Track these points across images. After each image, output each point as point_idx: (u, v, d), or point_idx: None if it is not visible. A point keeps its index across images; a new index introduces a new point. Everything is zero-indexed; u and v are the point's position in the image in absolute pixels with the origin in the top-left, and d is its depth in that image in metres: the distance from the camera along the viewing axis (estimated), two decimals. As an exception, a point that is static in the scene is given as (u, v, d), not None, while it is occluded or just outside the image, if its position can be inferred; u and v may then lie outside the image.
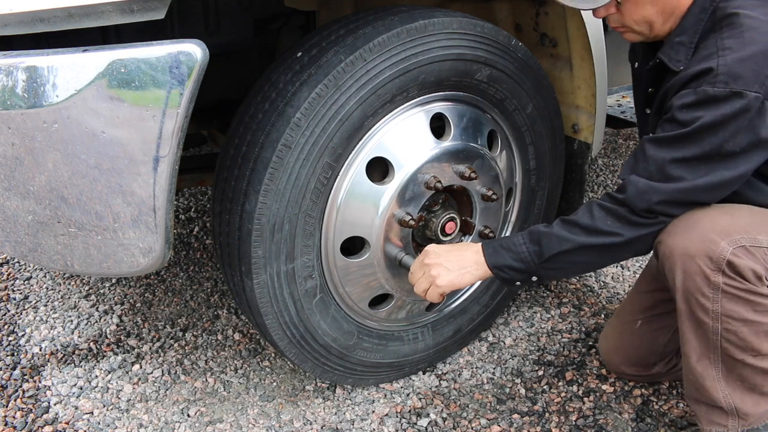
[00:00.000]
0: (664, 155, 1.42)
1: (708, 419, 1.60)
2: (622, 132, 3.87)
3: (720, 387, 1.54)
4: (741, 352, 1.48)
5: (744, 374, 1.51)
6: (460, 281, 1.58)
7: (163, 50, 1.18)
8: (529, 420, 1.84)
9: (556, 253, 1.50)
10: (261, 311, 1.58)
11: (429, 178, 1.66)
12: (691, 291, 1.45)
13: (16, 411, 1.86)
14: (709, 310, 1.45)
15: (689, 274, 1.44)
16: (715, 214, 1.44)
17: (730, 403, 1.54)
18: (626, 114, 2.33)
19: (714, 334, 1.48)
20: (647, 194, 1.43)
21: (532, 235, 1.53)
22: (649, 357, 1.87)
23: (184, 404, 1.90)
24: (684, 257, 1.43)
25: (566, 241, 1.49)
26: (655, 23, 1.52)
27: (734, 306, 1.43)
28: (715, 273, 1.41)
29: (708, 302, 1.44)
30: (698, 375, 1.55)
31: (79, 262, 1.40)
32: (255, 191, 1.46)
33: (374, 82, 1.50)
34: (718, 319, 1.45)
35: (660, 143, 1.44)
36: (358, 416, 1.86)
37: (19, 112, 1.21)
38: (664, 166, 1.42)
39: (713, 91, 1.37)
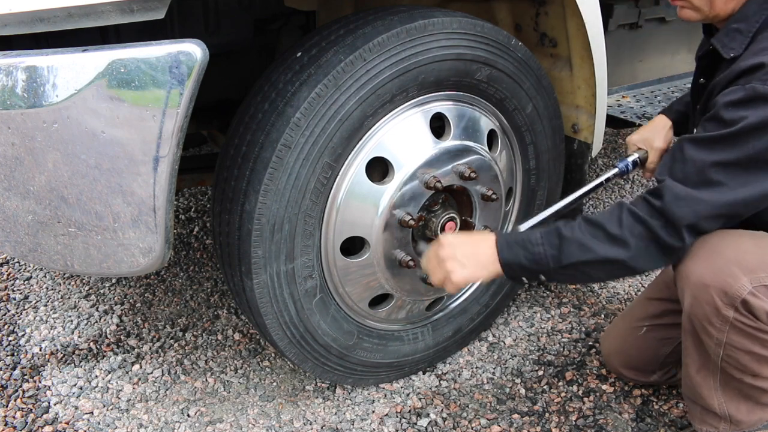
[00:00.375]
0: (704, 157, 1.31)
1: (701, 419, 1.61)
2: (622, 132, 3.87)
3: (716, 395, 1.54)
4: (740, 373, 1.47)
5: (741, 388, 1.51)
6: (475, 277, 1.49)
7: (163, 50, 1.18)
8: (529, 420, 1.84)
9: (575, 262, 1.39)
10: (261, 311, 1.58)
11: (429, 177, 1.66)
12: (698, 317, 1.42)
13: (16, 411, 1.86)
14: (713, 337, 1.42)
15: (699, 301, 1.39)
16: (745, 245, 1.37)
17: (724, 410, 1.54)
18: (626, 114, 2.33)
19: (715, 356, 1.46)
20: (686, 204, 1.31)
21: (551, 237, 1.41)
22: (649, 364, 1.86)
23: (184, 404, 1.90)
24: (698, 285, 1.38)
25: (588, 251, 1.37)
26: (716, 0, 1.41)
27: (740, 339, 1.40)
28: (727, 307, 1.36)
29: (714, 331, 1.41)
30: (696, 383, 1.55)
31: (79, 262, 1.40)
32: (255, 191, 1.46)
33: (374, 82, 1.50)
34: (721, 346, 1.43)
35: (700, 144, 1.33)
36: (358, 416, 1.86)
37: (19, 112, 1.21)
38: (703, 169, 1.30)
39: (763, 88, 1.26)
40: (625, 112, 2.34)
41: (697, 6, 1.45)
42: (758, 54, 1.32)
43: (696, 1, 1.45)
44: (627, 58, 2.63)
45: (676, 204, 1.32)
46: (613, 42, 2.43)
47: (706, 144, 1.32)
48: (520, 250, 1.44)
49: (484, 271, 1.48)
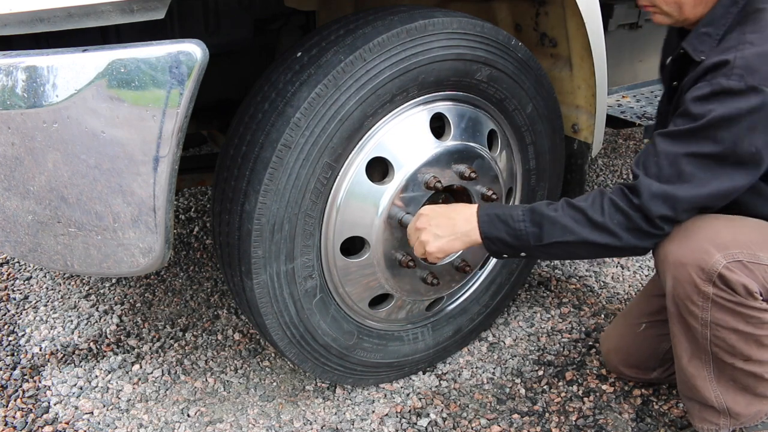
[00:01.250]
0: (676, 150, 1.37)
1: (700, 417, 1.61)
2: (622, 132, 3.87)
3: (711, 387, 1.54)
4: (730, 356, 1.47)
5: (735, 376, 1.51)
6: (450, 247, 1.52)
7: (163, 50, 1.18)
8: (529, 420, 1.84)
9: (556, 241, 1.44)
10: (261, 311, 1.58)
11: (429, 177, 1.66)
12: (680, 297, 1.45)
13: (16, 411, 1.86)
14: (698, 317, 1.44)
15: (679, 281, 1.43)
16: (719, 226, 1.42)
17: (721, 402, 1.54)
18: (626, 114, 2.33)
19: (703, 339, 1.47)
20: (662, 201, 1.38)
21: (533, 215, 1.46)
22: (648, 361, 1.86)
23: (184, 404, 1.90)
24: (676, 264, 1.42)
25: (570, 232, 1.43)
26: (685, 5, 1.47)
27: (723, 316, 1.42)
28: (706, 283, 1.40)
29: (697, 309, 1.43)
30: (690, 375, 1.55)
31: (79, 262, 1.40)
32: (255, 191, 1.46)
33: (374, 82, 1.50)
34: (707, 326, 1.44)
35: (672, 137, 1.39)
36: (358, 416, 1.86)
37: (19, 112, 1.21)
38: (675, 160, 1.37)
39: (727, 83, 1.32)
40: (625, 112, 2.34)
41: (667, 11, 1.51)
42: (723, 52, 1.37)
43: (665, 7, 1.51)
44: (627, 58, 2.63)
45: (652, 202, 1.38)
46: (613, 42, 2.43)
47: (676, 137, 1.38)
48: (501, 225, 1.48)
49: (459, 242, 1.51)
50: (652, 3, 1.51)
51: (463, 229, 1.51)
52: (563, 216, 1.44)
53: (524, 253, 1.50)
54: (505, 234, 1.48)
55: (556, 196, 2.10)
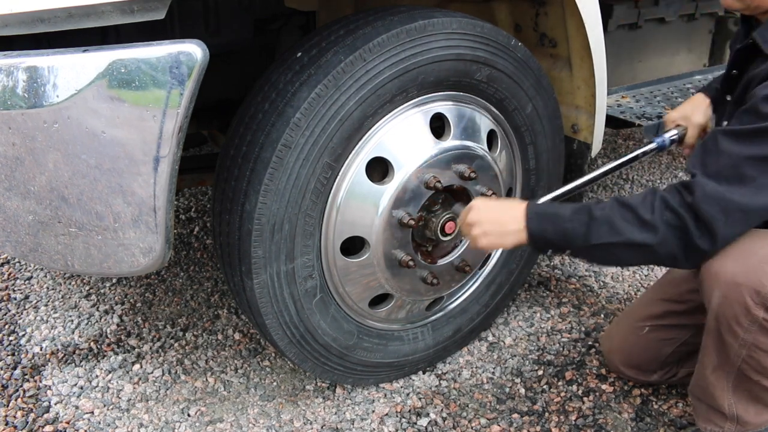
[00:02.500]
0: (738, 150, 1.29)
1: (706, 417, 1.61)
2: (621, 132, 3.87)
3: (727, 396, 1.54)
4: (757, 374, 1.47)
5: (753, 388, 1.51)
6: (500, 244, 1.50)
7: (163, 50, 1.19)
8: (529, 420, 1.84)
9: (603, 243, 1.38)
10: (261, 311, 1.58)
11: (429, 177, 1.66)
12: (726, 316, 1.41)
13: (16, 411, 1.87)
14: (739, 337, 1.42)
15: (729, 300, 1.38)
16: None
17: (733, 411, 1.54)
18: (626, 114, 2.33)
19: (736, 357, 1.46)
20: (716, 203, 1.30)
21: (581, 215, 1.40)
22: (650, 364, 1.86)
23: (185, 404, 1.90)
24: (729, 283, 1.37)
25: (617, 234, 1.36)
26: None
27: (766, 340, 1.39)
28: (758, 307, 1.36)
29: (741, 331, 1.41)
30: (709, 383, 1.55)
31: (79, 261, 1.40)
32: (255, 191, 1.47)
33: (374, 83, 1.50)
34: (746, 347, 1.42)
35: (735, 136, 1.31)
36: (358, 416, 1.86)
37: (20, 112, 1.21)
38: (737, 163, 1.29)
39: None
40: (625, 112, 2.34)
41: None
42: None
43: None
44: (626, 58, 2.63)
45: (705, 201, 1.30)
46: (612, 42, 2.43)
47: (741, 137, 1.30)
48: (549, 224, 1.44)
49: (507, 240, 1.49)
50: None
51: (513, 228, 1.47)
52: (611, 214, 1.38)
53: (571, 252, 1.47)
54: (552, 234, 1.44)
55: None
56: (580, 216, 1.41)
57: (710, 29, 2.93)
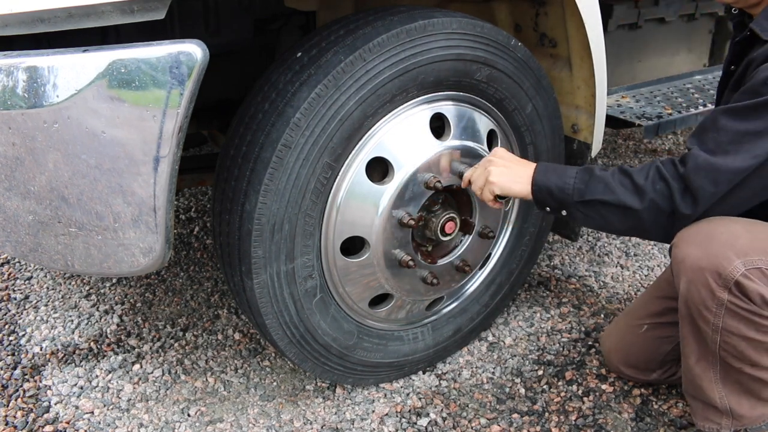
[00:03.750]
0: (737, 126, 1.35)
1: (703, 416, 1.61)
2: (621, 132, 3.87)
3: (717, 388, 1.54)
4: (738, 362, 1.47)
5: (741, 379, 1.51)
6: (510, 187, 1.57)
7: (163, 50, 1.19)
8: (529, 420, 1.85)
9: (596, 199, 1.47)
10: (261, 311, 1.58)
11: (429, 177, 1.66)
12: (694, 301, 1.44)
13: (16, 411, 1.87)
14: (710, 322, 1.44)
15: (695, 284, 1.42)
16: (740, 231, 1.40)
17: (725, 404, 1.54)
18: (626, 114, 2.33)
19: (713, 343, 1.47)
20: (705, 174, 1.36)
21: (584, 173, 1.50)
22: (649, 363, 1.86)
23: (185, 404, 1.90)
24: (694, 268, 1.41)
25: (611, 192, 1.45)
26: None
27: (736, 323, 1.41)
28: (721, 289, 1.39)
29: (710, 315, 1.43)
30: (696, 375, 1.55)
31: (79, 261, 1.40)
32: (255, 191, 1.47)
33: (374, 82, 1.50)
34: (718, 332, 1.44)
35: (733, 113, 1.36)
36: (358, 416, 1.86)
37: (20, 112, 1.21)
38: (735, 138, 1.35)
39: None
40: (625, 113, 2.34)
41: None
42: None
43: None
44: (626, 58, 2.63)
45: (696, 172, 1.37)
46: (612, 42, 2.43)
47: (739, 113, 1.36)
48: (553, 176, 1.53)
49: (516, 186, 1.57)
50: None
51: (525, 176, 1.56)
52: (611, 176, 1.47)
53: (565, 211, 1.54)
54: (553, 185, 1.52)
55: (556, 196, 2.10)
56: (582, 175, 1.51)
57: (710, 29, 2.93)
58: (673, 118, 2.31)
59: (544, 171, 1.55)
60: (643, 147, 3.76)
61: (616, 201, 1.45)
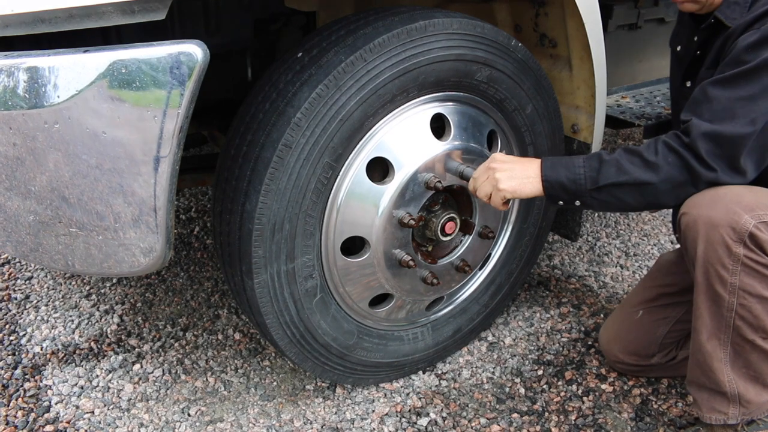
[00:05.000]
0: (729, 94, 1.42)
1: (709, 406, 1.61)
2: (621, 132, 3.87)
3: (726, 370, 1.55)
4: (752, 331, 1.49)
5: (751, 360, 1.52)
6: (521, 189, 1.58)
7: (164, 51, 1.19)
8: (529, 419, 1.85)
9: (611, 183, 1.49)
10: (261, 311, 1.58)
11: (429, 177, 1.66)
12: (711, 261, 1.46)
13: (17, 410, 1.87)
14: (727, 283, 1.46)
15: (711, 243, 1.45)
16: (741, 191, 1.46)
17: (733, 388, 1.55)
18: (625, 114, 2.33)
19: (728, 311, 1.49)
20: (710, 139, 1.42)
21: (591, 160, 1.53)
22: (648, 347, 1.89)
23: (185, 404, 1.90)
24: (708, 226, 1.44)
25: (624, 173, 1.48)
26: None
27: (752, 281, 1.44)
28: (737, 244, 1.42)
29: (727, 274, 1.45)
30: (706, 354, 1.56)
31: (80, 261, 1.40)
32: (255, 191, 1.47)
33: (375, 83, 1.51)
34: (735, 293, 1.46)
35: (722, 83, 1.44)
36: (358, 416, 1.86)
37: (21, 112, 1.21)
38: (729, 105, 1.42)
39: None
40: (625, 113, 2.34)
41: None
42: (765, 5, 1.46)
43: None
44: (626, 58, 2.63)
45: (700, 139, 1.43)
46: (612, 42, 2.43)
47: (727, 82, 1.43)
48: (562, 169, 1.55)
49: (527, 187, 1.58)
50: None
51: (533, 174, 1.57)
52: (620, 158, 1.50)
53: (578, 201, 1.56)
54: (564, 178, 1.54)
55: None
56: (591, 162, 1.53)
57: (710, 29, 2.93)
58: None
59: (551, 166, 1.56)
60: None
61: (632, 180, 1.48)
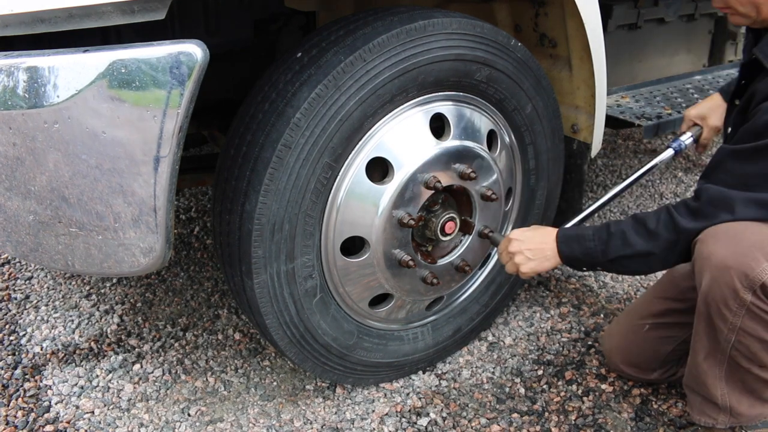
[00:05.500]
0: (742, 169, 1.42)
1: (700, 410, 1.62)
2: (621, 132, 3.87)
3: (720, 385, 1.55)
4: (748, 362, 1.48)
5: (746, 378, 1.52)
6: (540, 268, 1.66)
7: (164, 50, 1.19)
8: (529, 419, 1.85)
9: (619, 256, 1.54)
10: (261, 311, 1.59)
11: (429, 177, 1.66)
12: (715, 299, 1.44)
13: (17, 410, 1.87)
14: (728, 321, 1.44)
15: (719, 283, 1.42)
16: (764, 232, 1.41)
17: (726, 402, 1.55)
18: (625, 114, 2.33)
19: (726, 342, 1.47)
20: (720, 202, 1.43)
21: (601, 233, 1.57)
22: (650, 362, 1.86)
23: (185, 404, 1.90)
24: (719, 265, 1.41)
25: (629, 246, 1.52)
26: (763, 5, 1.47)
27: (754, 325, 1.42)
28: (746, 291, 1.39)
29: (729, 314, 1.43)
30: (702, 371, 1.56)
31: (80, 261, 1.40)
32: (255, 191, 1.47)
33: (374, 83, 1.51)
34: (734, 331, 1.44)
35: (740, 155, 1.43)
36: (358, 416, 1.86)
37: (21, 112, 1.21)
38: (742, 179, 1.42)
39: None
40: (625, 113, 2.34)
41: (743, 12, 1.52)
42: None
43: (741, 9, 1.51)
44: (626, 58, 2.63)
45: (711, 203, 1.45)
46: (612, 42, 2.43)
47: (746, 155, 1.42)
48: (575, 245, 1.61)
49: (547, 263, 1.65)
50: (726, 5, 1.53)
51: (549, 254, 1.64)
52: (626, 228, 1.54)
53: (600, 268, 1.62)
54: (579, 253, 1.61)
55: (556, 196, 2.10)
56: (600, 234, 1.58)
57: (710, 29, 2.93)
58: (672, 118, 2.31)
59: (566, 241, 1.62)
60: (642, 147, 3.76)
61: (635, 252, 1.52)
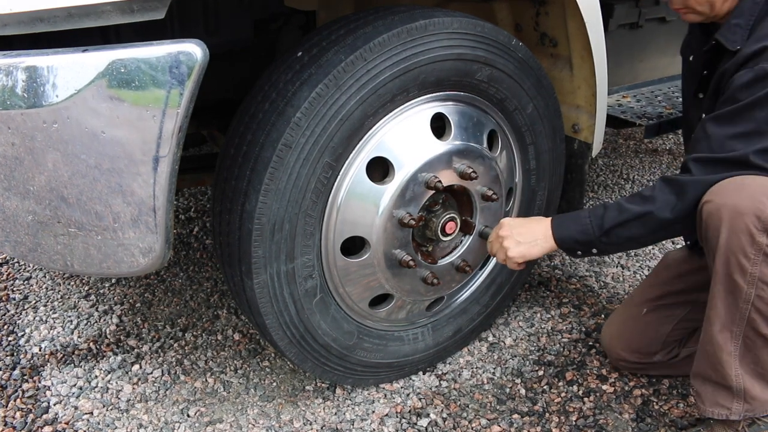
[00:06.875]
0: (724, 131, 1.48)
1: (713, 400, 1.61)
2: (622, 132, 3.87)
3: (734, 364, 1.55)
4: (767, 325, 1.49)
5: (760, 356, 1.53)
6: (529, 252, 1.66)
7: (163, 50, 1.18)
8: (530, 420, 1.84)
9: (615, 225, 1.56)
10: (261, 311, 1.58)
11: (429, 177, 1.66)
12: (733, 249, 1.46)
13: (15, 411, 1.86)
14: (747, 272, 1.46)
15: (735, 231, 1.45)
16: (764, 180, 1.47)
17: (740, 382, 1.55)
18: (626, 114, 2.33)
19: (745, 302, 1.49)
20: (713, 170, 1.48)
21: (596, 209, 1.61)
22: (651, 345, 1.89)
23: (184, 404, 1.90)
24: (733, 214, 1.44)
25: (624, 211, 1.55)
26: (716, 3, 1.59)
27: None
28: (761, 233, 1.42)
29: (748, 263, 1.45)
30: (716, 345, 1.56)
31: (78, 262, 1.39)
32: (255, 191, 1.46)
33: (375, 82, 1.50)
34: (754, 284, 1.46)
35: (719, 120, 1.50)
36: (358, 416, 1.86)
37: (19, 112, 1.21)
38: (724, 141, 1.48)
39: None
40: (626, 112, 2.34)
41: (700, 11, 1.62)
42: (760, 40, 1.49)
43: (699, 7, 1.61)
44: (627, 58, 2.63)
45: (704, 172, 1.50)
46: (613, 42, 2.43)
47: (725, 118, 1.49)
48: (571, 224, 1.64)
49: (537, 248, 1.66)
50: (684, 5, 1.62)
51: (541, 236, 1.66)
52: (621, 201, 1.58)
53: (594, 249, 1.63)
54: (574, 232, 1.62)
55: (557, 196, 2.10)
56: (596, 210, 1.61)
57: (710, 29, 2.92)
58: (673, 117, 2.31)
59: (560, 224, 1.64)
60: (643, 147, 3.76)
61: (632, 215, 1.55)
